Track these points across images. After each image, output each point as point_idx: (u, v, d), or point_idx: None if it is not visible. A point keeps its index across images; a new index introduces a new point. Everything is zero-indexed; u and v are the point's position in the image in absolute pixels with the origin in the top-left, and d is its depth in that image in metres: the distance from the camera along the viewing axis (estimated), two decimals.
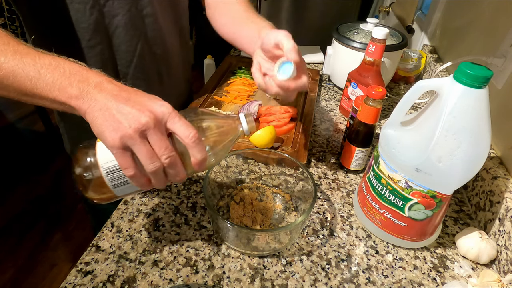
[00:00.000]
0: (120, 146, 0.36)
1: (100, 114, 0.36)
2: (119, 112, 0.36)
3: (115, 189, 0.40)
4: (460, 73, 0.41)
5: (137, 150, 0.36)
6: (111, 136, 0.36)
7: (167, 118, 0.37)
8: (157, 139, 0.37)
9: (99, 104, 0.36)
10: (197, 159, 0.39)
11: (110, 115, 0.36)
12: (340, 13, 2.09)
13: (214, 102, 0.86)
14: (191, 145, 0.38)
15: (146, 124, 0.36)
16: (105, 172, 0.38)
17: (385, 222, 0.53)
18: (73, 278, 0.47)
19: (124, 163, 0.37)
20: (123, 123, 0.35)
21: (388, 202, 0.51)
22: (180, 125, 0.37)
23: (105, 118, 0.36)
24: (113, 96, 0.37)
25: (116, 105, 0.36)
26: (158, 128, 0.37)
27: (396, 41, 0.88)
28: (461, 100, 0.42)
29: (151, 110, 0.37)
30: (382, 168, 0.51)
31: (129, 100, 0.37)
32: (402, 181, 0.48)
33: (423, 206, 0.48)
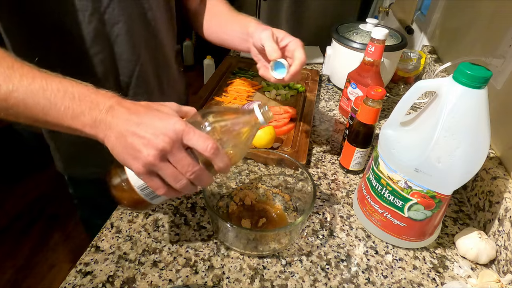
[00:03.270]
0: (145, 172, 0.38)
1: (118, 142, 0.37)
2: (135, 139, 0.37)
3: (152, 201, 0.43)
4: (459, 74, 0.41)
5: (162, 173, 0.38)
6: (134, 165, 0.37)
7: (181, 136, 0.38)
8: (178, 159, 0.38)
9: (114, 133, 0.37)
10: (220, 167, 0.40)
11: (127, 143, 0.37)
12: (340, 13, 2.09)
13: (214, 103, 0.86)
14: (211, 157, 0.39)
15: (163, 149, 0.36)
16: (139, 190, 0.41)
17: (384, 223, 0.53)
18: (72, 278, 0.47)
19: (153, 185, 0.39)
20: (142, 152, 0.36)
21: (387, 202, 0.51)
22: (196, 140, 0.38)
23: (123, 146, 0.37)
24: (125, 120, 0.38)
25: (131, 131, 0.37)
26: (177, 148, 0.37)
27: (395, 42, 0.89)
28: (460, 101, 0.42)
29: (165, 133, 0.37)
30: (381, 168, 0.51)
31: (141, 124, 0.37)
32: (401, 181, 0.48)
33: (423, 206, 0.48)
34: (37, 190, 1.84)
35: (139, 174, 0.38)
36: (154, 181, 0.39)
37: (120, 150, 0.37)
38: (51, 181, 1.90)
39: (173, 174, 0.38)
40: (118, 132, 0.37)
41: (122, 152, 0.37)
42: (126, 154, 0.37)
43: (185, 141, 0.38)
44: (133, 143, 0.37)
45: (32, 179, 1.90)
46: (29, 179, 1.90)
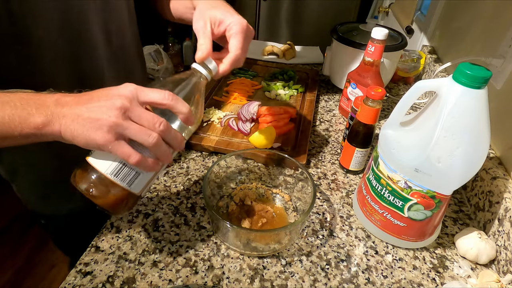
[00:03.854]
0: (112, 138, 0.36)
1: (76, 124, 0.36)
2: (92, 112, 0.35)
3: (131, 187, 0.39)
4: (459, 74, 0.41)
5: (129, 132, 0.36)
6: (99, 135, 0.35)
7: (137, 93, 0.37)
8: (140, 113, 0.37)
9: (69, 118, 0.36)
10: (184, 112, 0.39)
11: (85, 119, 0.35)
12: (340, 13, 2.09)
13: (214, 103, 0.86)
14: (171, 103, 0.38)
15: (122, 106, 0.35)
16: (114, 176, 0.38)
17: (384, 223, 0.53)
18: (72, 278, 0.47)
19: (124, 152, 0.36)
20: (103, 117, 0.35)
21: (387, 202, 0.51)
22: (152, 93, 0.37)
23: (82, 124, 0.35)
24: (76, 103, 0.36)
25: (85, 108, 0.36)
26: (135, 105, 0.36)
27: (395, 42, 0.89)
28: (460, 101, 0.42)
29: (119, 94, 0.36)
30: (381, 168, 0.51)
31: (93, 99, 0.36)
32: (401, 181, 0.48)
33: (423, 206, 0.48)
34: None
35: (106, 143, 0.36)
36: (123, 147, 0.36)
37: (80, 129, 0.35)
38: None
39: (139, 130, 0.36)
40: (73, 114, 0.36)
41: (83, 130, 0.35)
42: (88, 130, 0.35)
43: (142, 98, 0.37)
44: (91, 116, 0.35)
45: None
46: None
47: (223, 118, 0.78)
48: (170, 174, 0.65)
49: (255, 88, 0.94)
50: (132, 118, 0.36)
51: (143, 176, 0.40)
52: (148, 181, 0.42)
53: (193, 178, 0.65)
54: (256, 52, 1.18)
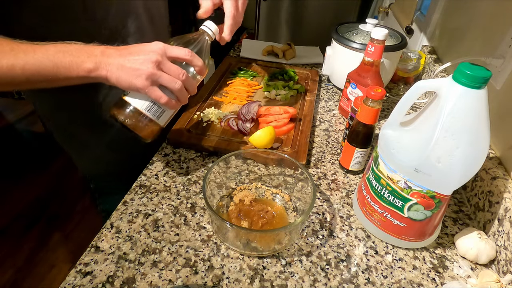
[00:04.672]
0: (149, 84, 0.47)
1: (120, 71, 0.47)
2: (133, 63, 0.46)
3: (159, 120, 0.52)
4: (459, 74, 0.41)
5: (161, 80, 0.48)
6: (139, 82, 0.47)
7: (165, 50, 0.48)
8: (170, 66, 0.49)
9: (114, 66, 0.47)
10: (199, 65, 0.51)
11: (127, 68, 0.46)
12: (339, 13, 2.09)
13: (214, 103, 0.86)
14: (191, 58, 0.50)
15: (156, 60, 0.47)
16: (147, 111, 0.51)
17: (384, 223, 0.53)
18: (72, 278, 0.47)
19: (157, 95, 0.49)
20: (142, 68, 0.46)
21: (387, 202, 0.51)
22: (177, 50, 0.49)
23: (126, 72, 0.47)
24: (119, 55, 0.47)
25: (126, 60, 0.47)
26: (165, 59, 0.48)
27: (395, 42, 0.89)
28: (460, 101, 0.42)
29: (152, 50, 0.47)
30: (381, 168, 0.51)
31: (132, 53, 0.47)
32: (401, 181, 0.49)
33: (422, 206, 0.48)
34: (37, 190, 1.84)
35: (144, 88, 0.47)
36: (156, 91, 0.48)
37: (124, 76, 0.47)
38: (51, 181, 1.90)
39: (169, 79, 0.48)
40: (117, 64, 0.47)
41: (126, 77, 0.47)
42: (130, 77, 0.47)
43: (168, 54, 0.48)
44: (132, 66, 0.46)
45: (32, 179, 1.90)
46: (29, 179, 1.90)
47: (223, 118, 0.78)
48: (170, 174, 0.65)
49: (255, 88, 0.94)
50: (163, 69, 0.48)
51: (167, 113, 0.53)
52: (170, 117, 0.54)
53: (193, 178, 0.65)
54: (256, 52, 1.18)
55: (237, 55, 1.17)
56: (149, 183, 0.63)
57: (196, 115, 0.79)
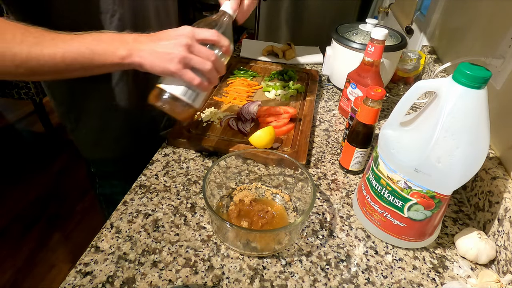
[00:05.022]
0: (181, 67, 0.50)
1: (153, 57, 0.49)
2: (165, 48, 0.49)
3: (194, 102, 0.55)
4: (459, 74, 0.41)
5: (194, 62, 0.50)
6: (172, 65, 0.49)
7: (194, 33, 0.51)
8: (200, 48, 0.51)
9: (147, 52, 0.49)
10: (226, 45, 0.53)
11: (159, 54, 0.49)
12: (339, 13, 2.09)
13: (214, 103, 0.86)
14: (218, 39, 0.52)
15: (186, 43, 0.49)
16: (182, 96, 0.53)
17: (384, 223, 0.53)
18: (72, 279, 0.47)
19: (190, 77, 0.51)
20: (174, 52, 0.49)
21: (387, 202, 0.51)
22: (204, 32, 0.52)
23: (158, 57, 0.49)
24: (150, 41, 0.50)
25: (158, 45, 0.49)
26: (195, 42, 0.50)
27: (395, 42, 0.89)
28: (460, 101, 0.42)
29: (181, 34, 0.50)
30: (381, 168, 0.51)
31: (162, 38, 0.50)
32: (401, 181, 0.49)
33: (422, 206, 0.48)
34: (37, 190, 1.84)
35: (177, 72, 0.50)
36: (189, 73, 0.50)
37: (157, 61, 0.49)
38: (51, 181, 1.90)
39: (200, 61, 0.50)
40: (149, 50, 0.49)
41: (159, 62, 0.49)
42: (163, 61, 0.49)
43: (197, 37, 0.51)
44: (164, 51, 0.49)
45: (32, 179, 1.90)
46: (29, 179, 1.90)
47: (223, 118, 0.78)
48: (170, 174, 0.65)
49: (255, 88, 0.94)
50: (193, 52, 0.50)
51: (201, 95, 0.56)
52: (203, 99, 0.57)
53: (193, 178, 0.65)
54: (256, 52, 1.18)
55: (237, 55, 1.17)
56: (149, 183, 0.63)
57: (196, 115, 0.79)
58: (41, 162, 2.03)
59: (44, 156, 2.08)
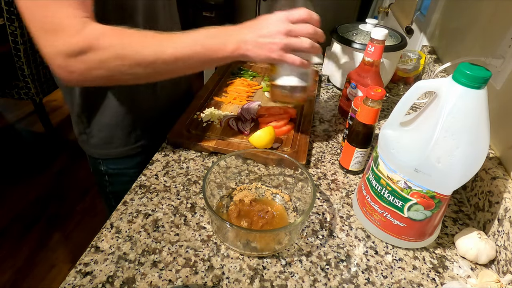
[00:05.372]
0: (283, 53, 0.54)
1: (257, 48, 0.54)
2: (266, 38, 0.54)
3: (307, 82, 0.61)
4: (459, 74, 0.41)
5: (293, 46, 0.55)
6: (275, 53, 0.54)
7: (288, 17, 0.54)
8: (298, 30, 0.54)
9: (251, 44, 0.54)
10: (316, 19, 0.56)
11: (262, 44, 0.54)
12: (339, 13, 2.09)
13: (214, 103, 0.86)
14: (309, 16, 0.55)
15: (285, 29, 0.53)
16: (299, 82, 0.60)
17: (384, 223, 0.53)
18: (72, 279, 0.47)
19: (292, 60, 0.55)
20: (275, 42, 0.53)
21: (387, 202, 0.51)
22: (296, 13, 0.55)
23: (261, 49, 0.54)
24: (252, 32, 0.54)
25: (260, 36, 0.54)
26: (290, 25, 0.54)
27: (395, 42, 0.89)
28: (460, 101, 0.42)
29: (278, 21, 0.54)
30: (381, 168, 0.51)
31: (262, 28, 0.54)
32: (401, 181, 0.49)
33: (422, 206, 0.48)
34: (37, 190, 1.84)
35: (281, 57, 0.55)
36: (291, 56, 0.55)
37: (260, 51, 0.54)
38: (51, 181, 1.90)
39: (298, 42, 0.55)
40: (253, 42, 0.54)
41: (263, 52, 0.54)
42: (266, 51, 0.54)
43: (291, 19, 0.54)
44: (266, 42, 0.53)
45: (32, 180, 1.90)
46: (29, 180, 1.90)
47: (223, 118, 0.78)
48: (170, 174, 0.65)
49: (255, 89, 0.94)
50: (292, 34, 0.54)
51: (308, 72, 0.61)
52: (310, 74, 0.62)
53: (193, 178, 0.65)
54: None
55: None
56: (149, 183, 0.63)
57: (196, 115, 0.79)
58: (41, 162, 2.03)
59: (44, 156, 2.08)
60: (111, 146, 0.76)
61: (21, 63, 1.71)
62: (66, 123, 2.36)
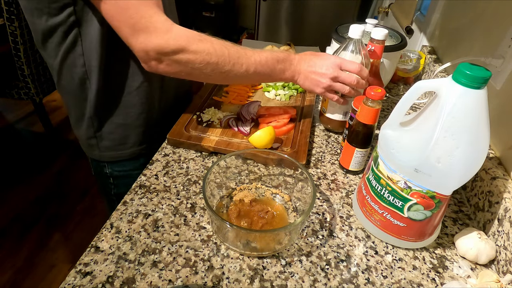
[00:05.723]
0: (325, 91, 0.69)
1: (306, 81, 0.68)
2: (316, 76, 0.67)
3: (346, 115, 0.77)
4: (458, 74, 0.41)
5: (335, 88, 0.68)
6: (318, 89, 0.68)
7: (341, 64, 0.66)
8: (344, 78, 0.67)
9: (303, 75, 0.68)
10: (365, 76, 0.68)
11: (311, 79, 0.68)
12: (339, 13, 2.09)
13: (214, 103, 0.86)
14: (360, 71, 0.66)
15: (333, 76, 0.66)
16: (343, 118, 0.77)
17: (384, 223, 0.53)
18: (72, 279, 0.47)
19: (330, 96, 0.70)
20: (321, 82, 0.67)
21: (387, 202, 0.51)
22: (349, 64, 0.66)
23: (310, 82, 0.68)
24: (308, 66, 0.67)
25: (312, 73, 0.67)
26: (339, 72, 0.66)
27: (395, 42, 0.89)
28: (460, 101, 0.42)
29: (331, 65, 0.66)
30: (381, 168, 0.51)
31: (315, 65, 0.67)
32: (401, 181, 0.49)
33: (422, 206, 0.48)
34: (37, 190, 1.84)
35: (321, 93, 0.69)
36: (331, 94, 0.70)
37: (308, 84, 0.68)
38: (51, 181, 1.90)
39: (340, 87, 0.68)
40: (305, 75, 0.68)
41: (310, 85, 0.68)
42: (313, 86, 0.68)
43: (343, 67, 0.66)
44: (315, 78, 0.67)
45: (32, 180, 1.90)
46: (29, 180, 1.90)
47: (223, 118, 0.78)
48: (170, 174, 0.65)
49: (255, 88, 0.94)
50: (338, 80, 0.67)
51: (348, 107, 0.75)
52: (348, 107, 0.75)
53: (193, 178, 0.65)
54: None
55: None
56: (149, 183, 0.63)
57: (196, 115, 0.79)
58: (41, 162, 2.03)
59: (44, 156, 2.08)
60: (124, 147, 0.77)
61: (21, 63, 1.71)
62: (66, 123, 2.36)
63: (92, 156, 0.79)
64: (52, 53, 0.64)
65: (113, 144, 0.76)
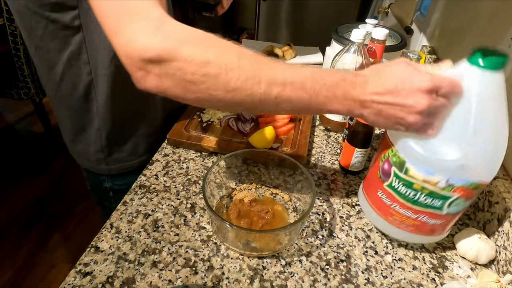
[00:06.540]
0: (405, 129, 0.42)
1: (379, 117, 0.42)
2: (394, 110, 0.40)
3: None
4: (476, 57, 0.40)
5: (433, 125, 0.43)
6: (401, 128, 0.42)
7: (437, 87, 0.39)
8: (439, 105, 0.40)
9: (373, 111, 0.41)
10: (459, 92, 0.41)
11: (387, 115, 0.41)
12: (339, 13, 2.09)
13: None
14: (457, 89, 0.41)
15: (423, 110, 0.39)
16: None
17: (418, 226, 0.50)
18: (72, 279, 0.47)
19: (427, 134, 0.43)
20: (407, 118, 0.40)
21: (423, 205, 0.49)
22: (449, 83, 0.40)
23: (385, 118, 0.41)
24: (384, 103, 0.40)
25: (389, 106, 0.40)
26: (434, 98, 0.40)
27: (395, 42, 0.89)
28: (483, 81, 0.41)
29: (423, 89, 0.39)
30: (413, 173, 0.48)
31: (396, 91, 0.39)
32: (441, 181, 0.45)
33: (463, 199, 0.47)
34: (37, 190, 1.84)
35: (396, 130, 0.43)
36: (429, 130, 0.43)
37: (383, 121, 0.42)
38: (51, 182, 1.90)
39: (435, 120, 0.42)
40: (377, 110, 0.41)
41: (386, 123, 0.42)
42: (391, 123, 0.42)
43: (441, 91, 0.39)
44: (391, 113, 0.40)
45: (32, 180, 1.90)
46: (29, 180, 1.90)
47: (223, 119, 0.78)
48: (170, 174, 0.65)
49: None
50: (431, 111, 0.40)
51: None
52: None
53: (193, 178, 0.65)
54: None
55: None
56: (149, 183, 0.63)
57: (196, 115, 0.79)
58: (41, 162, 2.03)
59: (44, 156, 2.08)
60: (134, 157, 0.75)
61: (21, 63, 1.71)
62: None
63: (97, 170, 0.76)
64: (52, 60, 0.59)
65: (123, 155, 0.74)
